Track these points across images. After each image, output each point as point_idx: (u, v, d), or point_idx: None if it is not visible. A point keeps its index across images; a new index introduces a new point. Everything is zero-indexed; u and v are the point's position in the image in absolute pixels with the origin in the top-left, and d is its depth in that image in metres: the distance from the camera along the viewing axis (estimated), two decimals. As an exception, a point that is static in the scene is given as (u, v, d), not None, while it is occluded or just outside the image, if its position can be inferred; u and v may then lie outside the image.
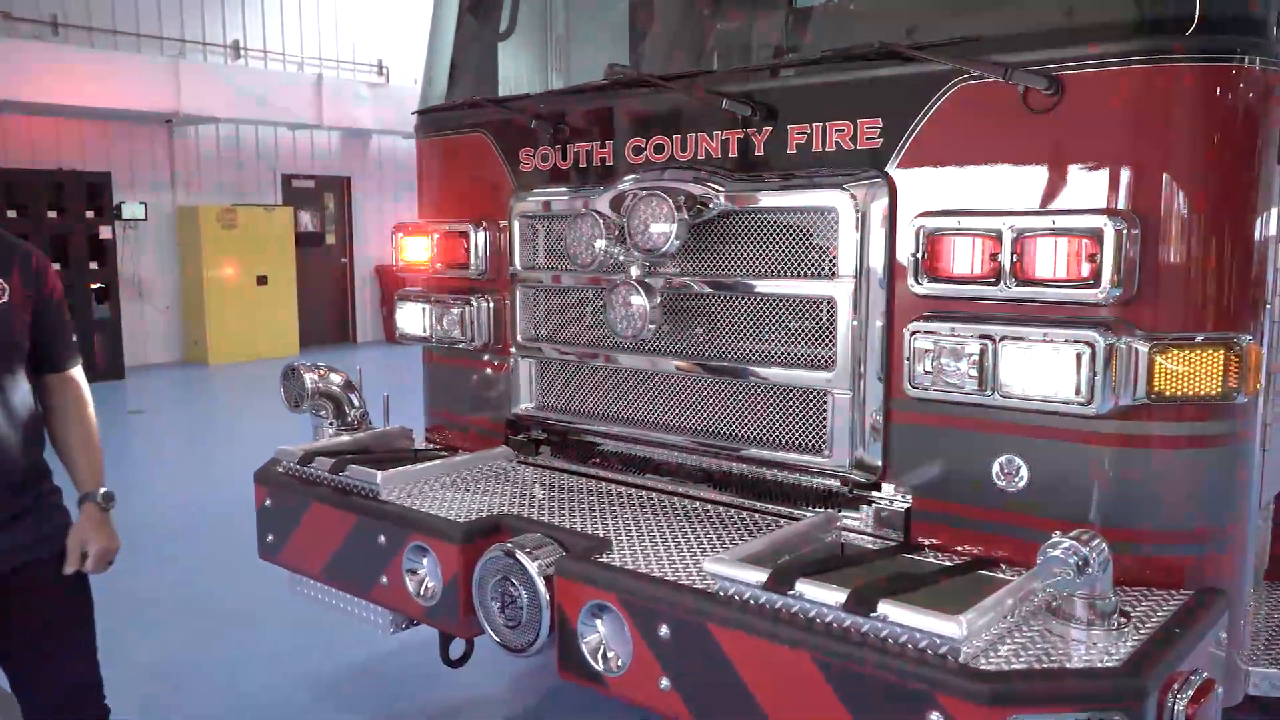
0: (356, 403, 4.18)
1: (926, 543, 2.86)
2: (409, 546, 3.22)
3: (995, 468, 2.72)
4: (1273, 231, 2.64)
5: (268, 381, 4.42)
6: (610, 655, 2.71)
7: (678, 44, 3.90)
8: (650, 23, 4.18)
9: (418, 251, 4.14)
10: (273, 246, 15.76)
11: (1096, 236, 2.41)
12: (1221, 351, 2.43)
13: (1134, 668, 2.09)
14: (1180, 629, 2.28)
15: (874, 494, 2.96)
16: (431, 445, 4.25)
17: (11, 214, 12.85)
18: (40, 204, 13.13)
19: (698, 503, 3.36)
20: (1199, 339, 2.44)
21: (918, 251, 2.71)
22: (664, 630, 2.55)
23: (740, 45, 3.61)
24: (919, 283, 2.72)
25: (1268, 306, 2.63)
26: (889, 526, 2.94)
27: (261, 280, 15.69)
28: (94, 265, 13.65)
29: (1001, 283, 2.57)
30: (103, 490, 2.92)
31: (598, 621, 2.74)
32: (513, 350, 3.86)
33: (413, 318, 4.16)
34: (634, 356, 3.45)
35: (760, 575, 2.42)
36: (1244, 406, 2.52)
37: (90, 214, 13.55)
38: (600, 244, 3.29)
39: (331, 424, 4.13)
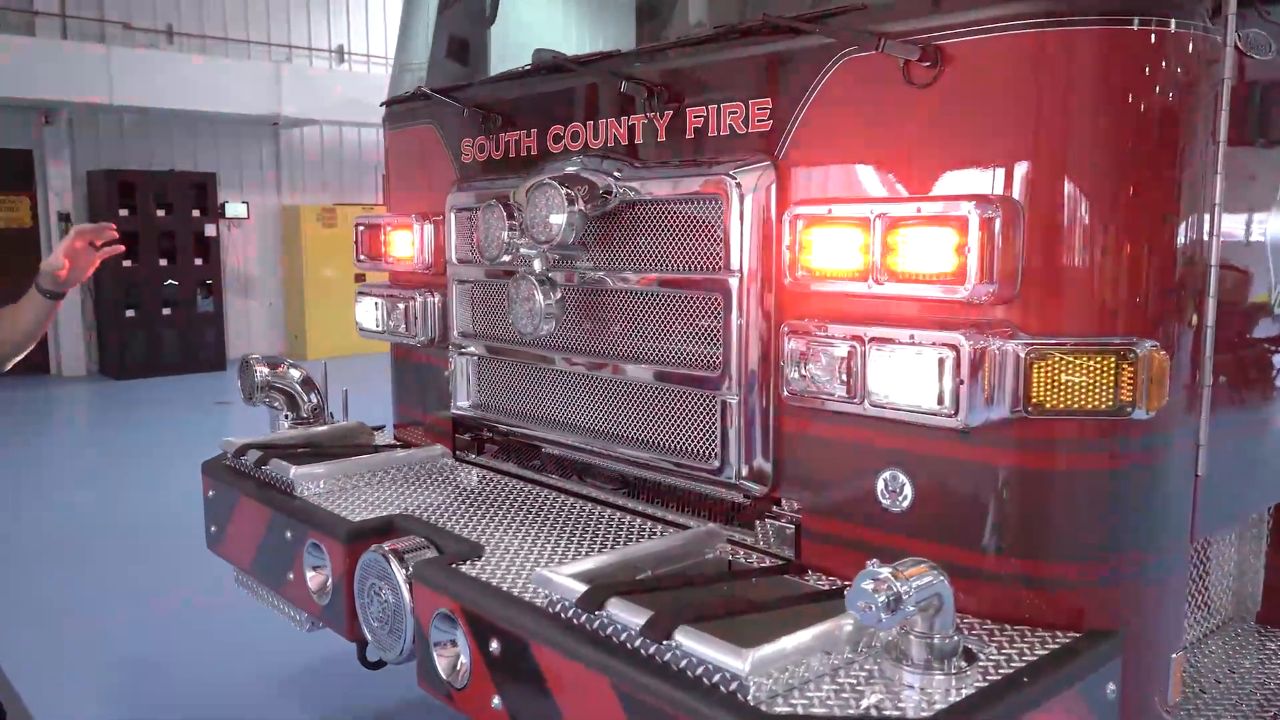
0: (313, 399, 4.16)
1: (813, 564, 2.61)
2: (308, 544, 3.16)
3: (880, 484, 2.45)
4: (1206, 224, 2.27)
5: (360, 375, 4.40)
6: (460, 666, 2.57)
7: (620, 26, 3.73)
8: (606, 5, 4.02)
9: (373, 246, 4.10)
10: (371, 245, 16.19)
11: (961, 226, 2.13)
12: (1112, 359, 2.10)
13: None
14: (1030, 676, 1.98)
15: (774, 508, 2.73)
16: (395, 443, 4.19)
17: (124, 212, 13.61)
18: (149, 203, 13.85)
19: (610, 510, 3.18)
20: (1086, 344, 2.12)
21: (793, 245, 2.47)
22: (494, 644, 2.40)
23: (669, 24, 3.40)
24: (795, 278, 2.48)
25: (1194, 313, 2.27)
26: (785, 544, 2.70)
27: (359, 278, 16.11)
28: (199, 261, 14.34)
29: (871, 278, 2.30)
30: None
31: (457, 632, 2.61)
32: (450, 347, 3.76)
33: (367, 312, 4.12)
34: (543, 354, 3.29)
35: (579, 590, 2.23)
36: (1152, 424, 2.17)
37: (196, 212, 14.24)
38: (505, 236, 3.15)
39: (286, 417, 4.12)
